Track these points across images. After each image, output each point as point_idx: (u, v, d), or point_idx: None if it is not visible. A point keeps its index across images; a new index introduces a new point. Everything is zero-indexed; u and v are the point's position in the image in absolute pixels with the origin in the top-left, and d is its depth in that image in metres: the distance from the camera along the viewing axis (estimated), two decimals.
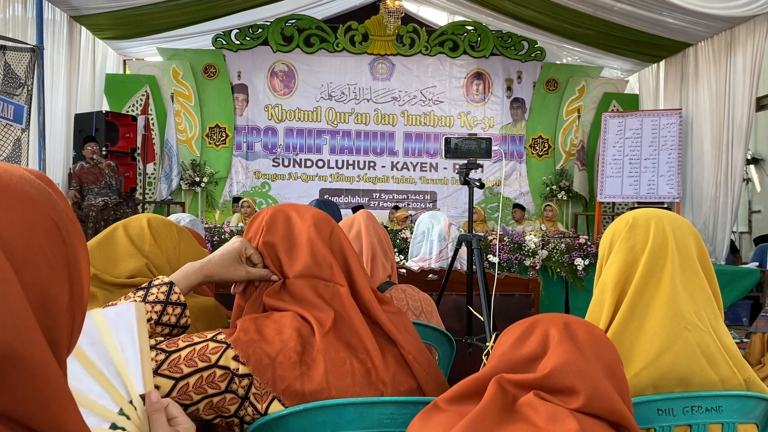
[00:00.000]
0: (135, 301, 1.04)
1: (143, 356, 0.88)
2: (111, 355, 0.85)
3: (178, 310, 1.11)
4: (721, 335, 1.23)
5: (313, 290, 1.15)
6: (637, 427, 0.91)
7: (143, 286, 1.12)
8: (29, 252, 0.47)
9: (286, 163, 9.42)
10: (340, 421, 1.07)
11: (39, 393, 0.45)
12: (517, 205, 8.66)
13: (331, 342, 1.10)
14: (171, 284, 1.12)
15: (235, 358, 1.04)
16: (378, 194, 9.55)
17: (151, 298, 1.09)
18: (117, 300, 1.09)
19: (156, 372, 1.01)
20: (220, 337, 1.06)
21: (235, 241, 1.19)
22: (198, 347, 1.04)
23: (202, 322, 1.36)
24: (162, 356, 1.02)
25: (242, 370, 1.04)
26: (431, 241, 3.14)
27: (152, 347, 1.03)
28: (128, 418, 0.81)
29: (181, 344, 1.05)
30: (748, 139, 6.97)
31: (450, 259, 2.84)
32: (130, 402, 0.83)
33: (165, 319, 1.09)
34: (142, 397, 0.84)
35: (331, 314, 1.13)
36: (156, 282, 1.12)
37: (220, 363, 1.04)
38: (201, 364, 1.03)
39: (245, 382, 1.04)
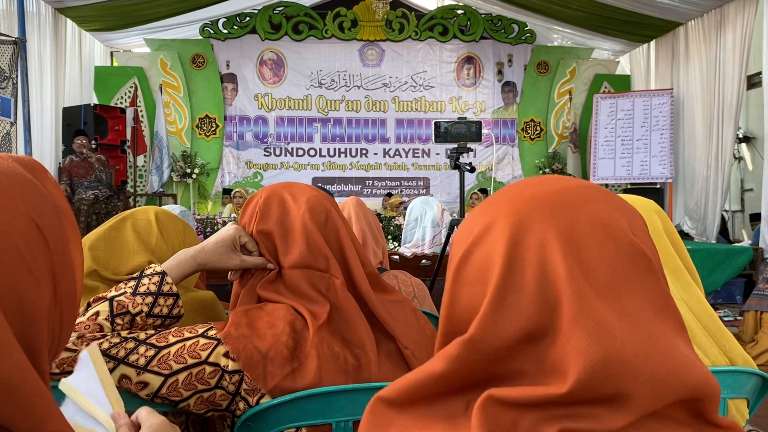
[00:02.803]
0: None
1: (105, 386, 0.88)
2: (88, 412, 0.85)
3: (170, 301, 1.09)
4: (692, 305, 1.24)
5: (309, 282, 1.12)
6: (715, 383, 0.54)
7: (135, 276, 1.10)
8: (3, 256, 0.45)
9: (277, 153, 9.38)
10: (331, 408, 1.06)
11: (19, 400, 0.44)
12: None
13: (325, 336, 1.07)
14: (163, 274, 1.09)
15: (226, 354, 1.02)
16: (371, 182, 9.53)
17: (142, 289, 1.07)
18: (108, 291, 1.08)
19: (145, 368, 0.99)
20: (211, 333, 1.04)
21: (229, 228, 1.16)
22: (188, 343, 1.02)
23: (201, 316, 1.35)
24: (152, 351, 1.00)
25: (232, 366, 1.02)
26: (424, 227, 3.13)
27: (142, 341, 1.01)
28: None
29: (172, 339, 1.03)
30: (738, 118, 6.98)
31: (443, 244, 2.83)
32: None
33: (156, 310, 1.07)
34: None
35: (327, 307, 1.10)
36: (148, 271, 1.10)
37: (210, 360, 1.01)
38: (191, 361, 1.01)
39: (236, 378, 1.02)
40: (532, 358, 0.54)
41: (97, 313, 1.03)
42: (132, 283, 1.08)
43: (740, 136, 8.22)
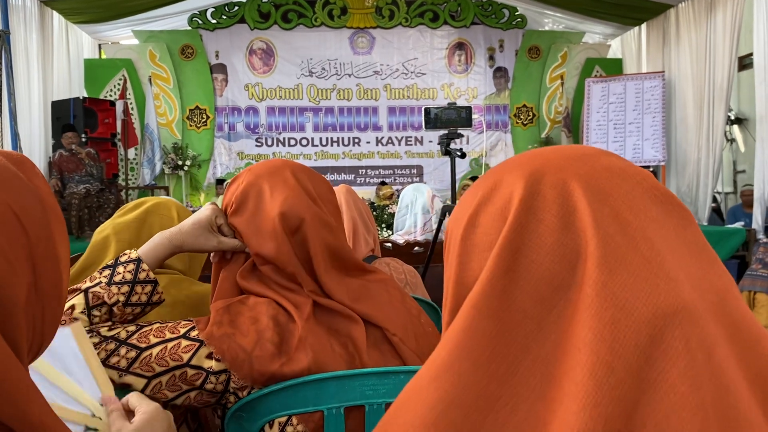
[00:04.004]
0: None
1: (92, 366, 0.87)
2: (59, 386, 0.84)
3: (148, 288, 1.06)
4: None
5: (284, 275, 1.10)
6: None
7: (109, 264, 1.08)
8: None
9: (269, 143, 9.33)
10: (322, 395, 1.05)
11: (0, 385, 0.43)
12: None
13: (312, 327, 1.05)
14: (138, 261, 1.07)
15: (209, 356, 1.00)
16: (364, 170, 9.50)
17: (117, 278, 1.04)
18: (83, 281, 1.06)
19: (128, 370, 0.98)
20: (193, 333, 1.02)
21: (206, 209, 1.13)
22: (170, 345, 1.00)
23: (205, 309, 1.34)
24: (133, 353, 0.98)
25: (217, 366, 1.00)
26: (415, 214, 3.13)
27: (123, 342, 0.99)
28: (96, 430, 0.82)
29: (153, 340, 1.00)
30: (729, 100, 6.98)
31: (435, 230, 2.82)
32: (93, 415, 0.83)
33: (134, 299, 1.05)
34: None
35: (310, 300, 1.08)
36: (122, 258, 1.07)
37: (192, 362, 0.99)
38: (172, 364, 0.99)
39: (223, 377, 1.00)
40: (553, 321, 0.44)
41: (72, 307, 1.01)
42: (107, 272, 1.05)
43: (732, 117, 8.23)
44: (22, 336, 0.48)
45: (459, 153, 2.56)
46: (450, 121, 2.57)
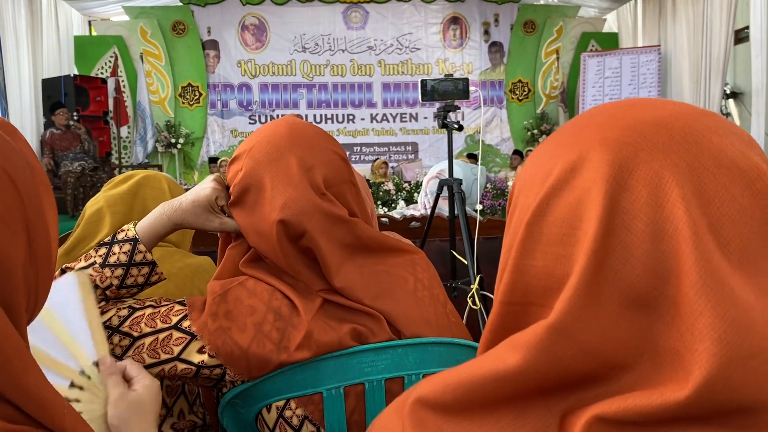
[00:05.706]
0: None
1: (92, 323, 0.85)
2: (53, 334, 0.83)
3: (145, 270, 1.02)
4: None
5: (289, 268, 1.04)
6: None
7: (106, 241, 1.03)
8: None
9: (263, 120, 9.27)
10: (321, 376, 1.02)
11: None
12: (516, 152, 8.64)
13: (320, 321, 0.99)
14: (135, 241, 1.02)
15: (201, 350, 0.95)
16: (359, 148, 9.46)
17: (112, 259, 1.00)
18: (77, 260, 1.03)
19: (121, 358, 0.95)
20: (185, 324, 0.96)
21: (206, 188, 1.05)
22: (161, 337, 0.96)
23: (199, 282, 1.34)
24: (127, 341, 0.95)
25: (211, 361, 0.96)
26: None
27: (115, 329, 0.96)
28: (81, 388, 0.80)
29: (145, 329, 0.96)
30: (725, 73, 6.95)
31: (431, 206, 2.82)
32: (82, 372, 0.81)
33: (129, 281, 1.01)
34: (97, 364, 0.83)
35: (320, 296, 1.02)
36: (120, 236, 1.03)
37: (182, 356, 0.95)
38: (163, 356, 0.95)
39: (217, 371, 0.97)
40: (638, 343, 0.40)
41: None
42: (102, 251, 1.01)
43: (728, 91, 8.20)
44: (20, 301, 0.47)
45: (456, 126, 2.53)
46: (447, 93, 2.53)
